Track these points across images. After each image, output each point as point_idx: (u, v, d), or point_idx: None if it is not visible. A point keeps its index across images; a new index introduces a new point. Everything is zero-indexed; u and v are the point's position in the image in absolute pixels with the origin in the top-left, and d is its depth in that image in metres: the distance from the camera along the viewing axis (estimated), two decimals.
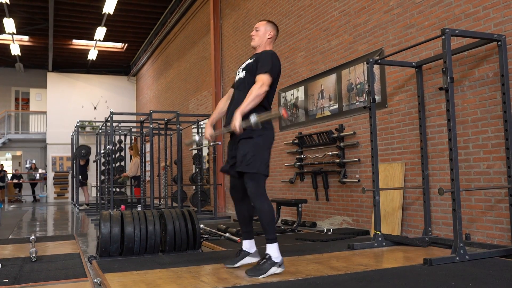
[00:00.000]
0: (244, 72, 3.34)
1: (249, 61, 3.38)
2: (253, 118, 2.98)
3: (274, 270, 3.00)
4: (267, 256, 3.02)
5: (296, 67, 7.15)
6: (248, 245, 3.36)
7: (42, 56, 16.98)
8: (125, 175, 10.88)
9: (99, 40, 14.67)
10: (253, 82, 3.19)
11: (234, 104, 3.26)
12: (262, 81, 3.12)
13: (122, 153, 12.05)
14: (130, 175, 10.67)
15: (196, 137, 3.53)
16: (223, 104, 3.52)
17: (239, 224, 3.48)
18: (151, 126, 8.56)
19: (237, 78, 3.43)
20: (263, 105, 3.22)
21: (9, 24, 12.62)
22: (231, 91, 3.50)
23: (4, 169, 17.61)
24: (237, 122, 3.02)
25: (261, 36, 3.39)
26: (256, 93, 3.09)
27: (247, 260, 3.33)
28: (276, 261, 3.02)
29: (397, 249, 4.10)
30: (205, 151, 10.76)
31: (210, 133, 3.40)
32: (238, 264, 3.31)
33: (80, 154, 12.13)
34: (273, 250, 3.04)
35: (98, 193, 10.99)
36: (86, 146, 12.38)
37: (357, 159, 5.74)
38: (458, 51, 4.24)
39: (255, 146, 3.12)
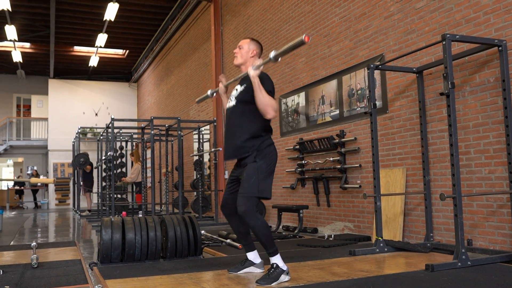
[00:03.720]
0: (235, 100, 3.33)
1: (239, 88, 3.35)
2: (272, 53, 2.95)
3: (283, 277, 3.03)
4: (274, 265, 3.04)
5: (297, 73, 7.16)
6: (253, 255, 3.39)
7: (43, 62, 17.02)
8: (124, 180, 10.87)
9: (100, 47, 14.73)
10: (245, 111, 3.21)
11: (229, 137, 3.28)
12: (271, 104, 3.08)
13: (123, 160, 12.05)
14: (129, 181, 10.66)
15: (209, 92, 3.64)
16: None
17: (237, 238, 3.49)
18: (152, 132, 8.57)
19: (228, 105, 3.41)
20: (258, 132, 3.20)
21: (11, 31, 12.67)
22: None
23: None
24: (252, 72, 3.07)
25: (244, 54, 3.35)
26: (267, 101, 3.05)
27: (251, 269, 3.36)
28: (284, 269, 3.05)
29: (398, 255, 4.09)
30: (206, 157, 10.76)
31: (222, 86, 3.62)
32: (241, 271, 3.35)
33: (79, 163, 12.11)
34: (277, 260, 3.06)
35: (99, 200, 10.98)
36: (84, 154, 12.36)
37: (358, 165, 5.74)
38: (459, 56, 4.25)
39: (259, 170, 3.13)
